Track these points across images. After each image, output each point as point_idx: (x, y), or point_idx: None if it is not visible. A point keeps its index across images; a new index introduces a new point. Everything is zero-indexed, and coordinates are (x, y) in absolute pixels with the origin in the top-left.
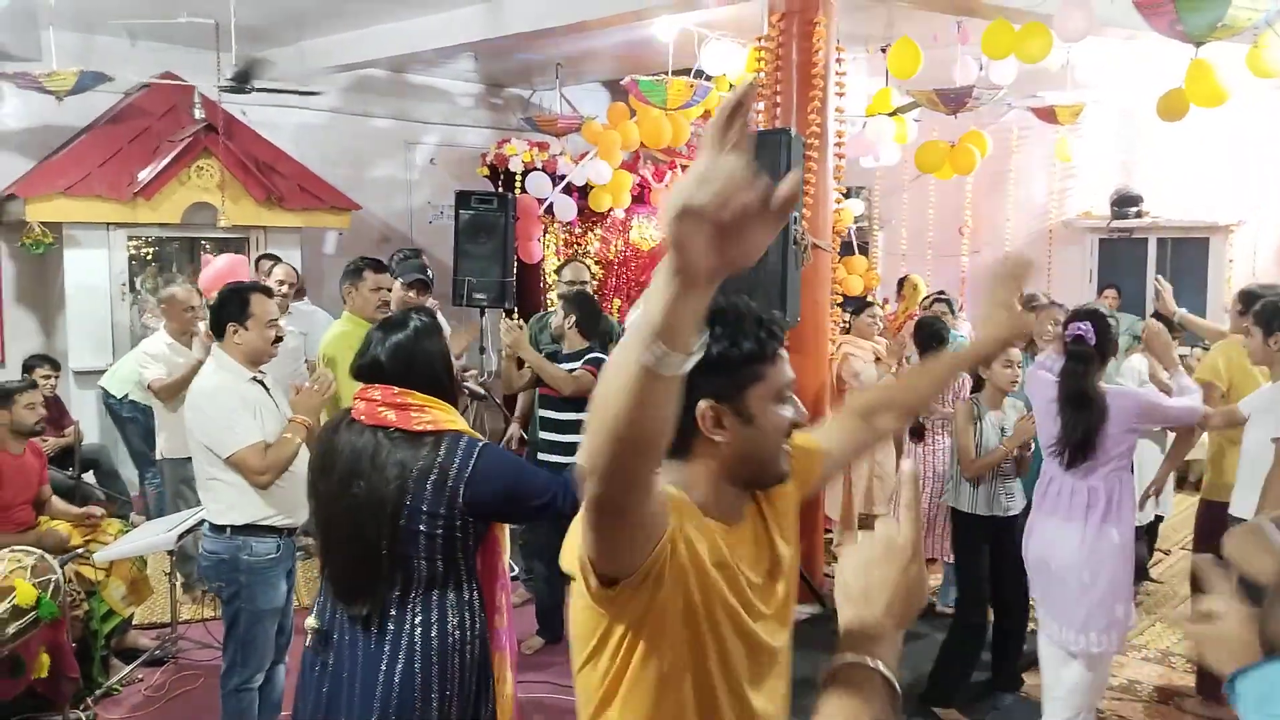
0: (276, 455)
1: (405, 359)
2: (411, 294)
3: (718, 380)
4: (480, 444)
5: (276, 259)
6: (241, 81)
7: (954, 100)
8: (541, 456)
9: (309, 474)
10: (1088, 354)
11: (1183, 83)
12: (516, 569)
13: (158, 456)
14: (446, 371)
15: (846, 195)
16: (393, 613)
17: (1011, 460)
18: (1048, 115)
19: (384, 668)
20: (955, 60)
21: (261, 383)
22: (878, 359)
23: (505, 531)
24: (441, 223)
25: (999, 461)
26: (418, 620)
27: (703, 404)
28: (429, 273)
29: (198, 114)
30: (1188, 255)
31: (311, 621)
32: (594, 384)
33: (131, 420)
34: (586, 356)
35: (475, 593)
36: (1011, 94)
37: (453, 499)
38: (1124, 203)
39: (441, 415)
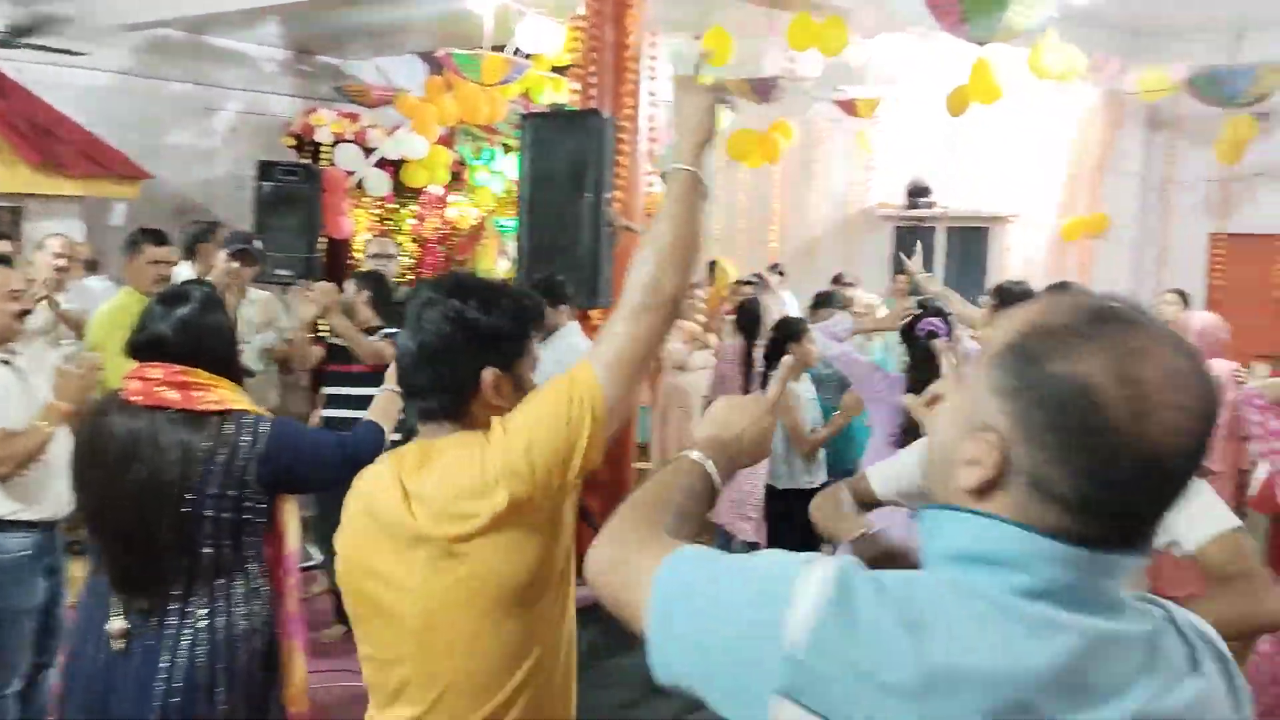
0: (14, 445)
1: (193, 335)
2: (236, 265)
3: (501, 352)
4: (269, 418)
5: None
6: (19, 36)
7: (763, 89)
8: None
9: (74, 462)
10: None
11: (966, 80)
12: (315, 558)
13: None
14: (232, 347)
15: (662, 179)
16: (175, 605)
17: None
18: (849, 108)
19: (166, 663)
20: (765, 51)
21: (9, 363)
22: (694, 339)
23: (294, 517)
24: (243, 194)
25: (831, 436)
26: (203, 611)
27: (488, 372)
28: (256, 244)
29: None
30: (971, 244)
31: (116, 624)
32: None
33: None
34: (383, 332)
35: (263, 579)
36: (817, 86)
37: (243, 478)
38: (916, 193)
39: (229, 394)
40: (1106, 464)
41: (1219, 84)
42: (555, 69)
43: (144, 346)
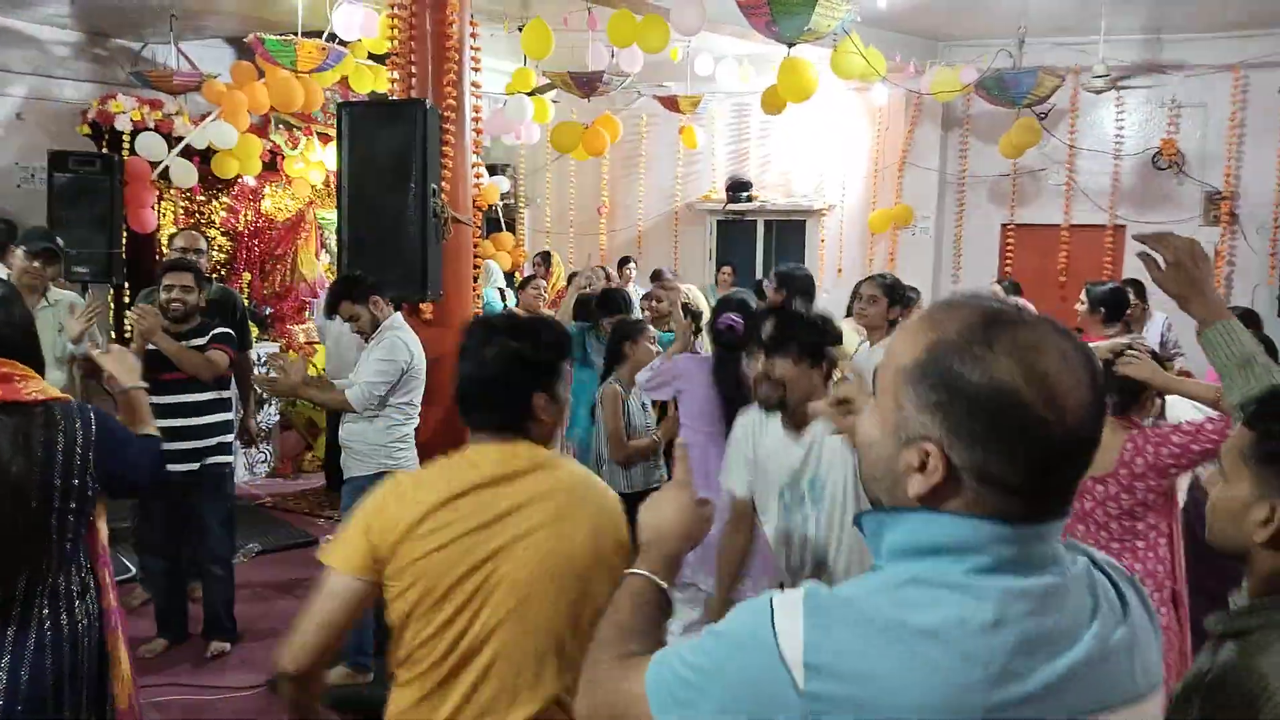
0: None
1: (4, 329)
2: (37, 264)
3: (545, 377)
4: (90, 407)
5: None
6: None
7: (586, 84)
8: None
9: None
10: (738, 344)
11: (776, 79)
12: (133, 569)
13: None
14: (36, 341)
15: (492, 171)
16: (17, 606)
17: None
18: (671, 104)
19: (7, 666)
20: (589, 45)
21: None
22: None
23: (102, 512)
24: (33, 187)
25: (653, 449)
26: (45, 610)
27: (538, 396)
28: (58, 241)
29: None
30: (789, 236)
31: None
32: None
33: None
34: (213, 333)
35: (90, 573)
36: (640, 82)
37: (84, 466)
38: (736, 188)
39: (46, 386)
40: (1043, 449)
41: (1005, 86)
42: (374, 57)
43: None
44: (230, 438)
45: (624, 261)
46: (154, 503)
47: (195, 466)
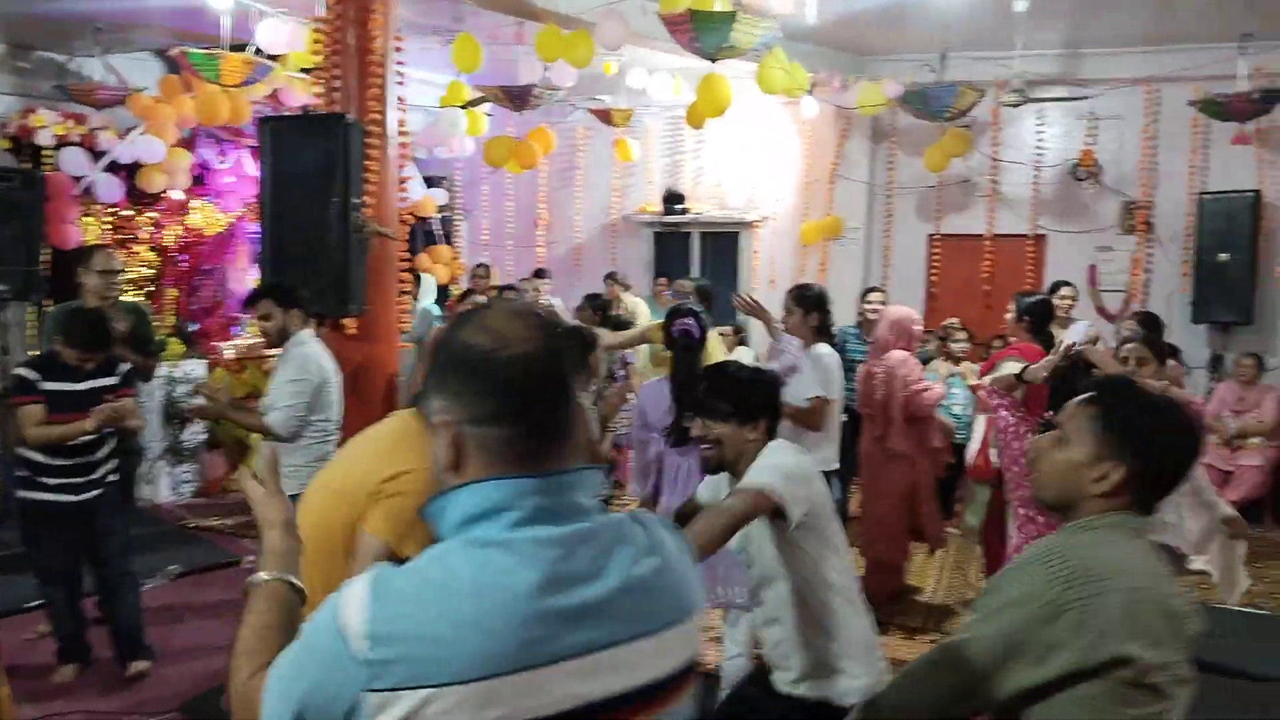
0: None
1: None
2: None
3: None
4: None
5: None
6: None
7: (517, 97)
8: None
9: None
10: (695, 346)
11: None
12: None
13: None
14: None
15: (430, 184)
16: None
17: None
18: (605, 117)
19: None
20: (519, 59)
21: None
22: None
23: None
24: None
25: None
26: None
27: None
28: None
29: None
30: (723, 247)
31: None
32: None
33: None
34: (123, 372)
35: None
36: (576, 95)
37: None
38: (671, 200)
39: None
40: (501, 374)
41: (926, 100)
42: (306, 70)
43: None
44: (115, 461)
45: (539, 273)
46: (49, 530)
47: (97, 493)
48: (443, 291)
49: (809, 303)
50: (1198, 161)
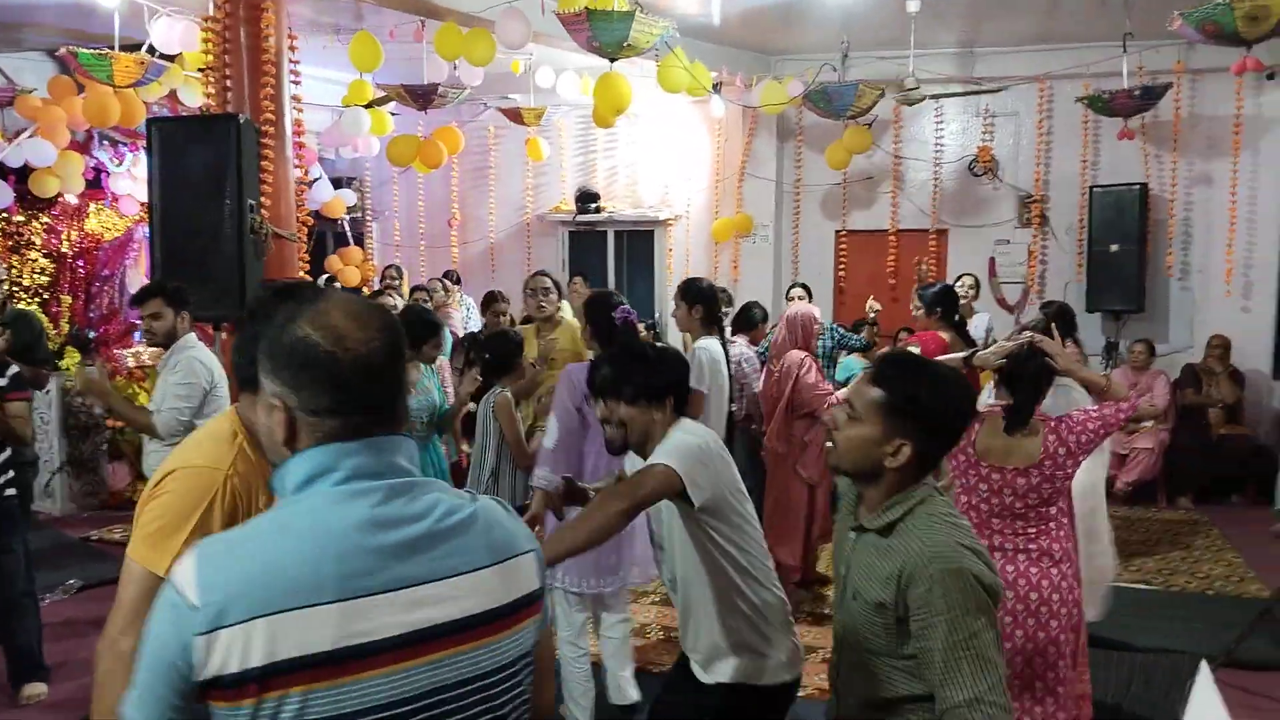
0: None
1: None
2: None
3: None
4: None
5: None
6: None
7: (421, 96)
8: None
9: None
10: (635, 331)
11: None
12: None
13: None
14: None
15: (338, 185)
16: None
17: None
18: (515, 116)
19: None
20: (424, 57)
21: None
22: None
23: None
24: None
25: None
26: None
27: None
28: None
29: None
30: (638, 245)
31: None
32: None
33: None
34: (10, 374)
35: None
36: (485, 94)
37: None
38: (585, 199)
39: None
40: (335, 372)
41: (829, 99)
42: (203, 70)
43: None
44: (10, 474)
45: (447, 275)
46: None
47: None
48: (355, 293)
49: (693, 296)
50: (1088, 156)
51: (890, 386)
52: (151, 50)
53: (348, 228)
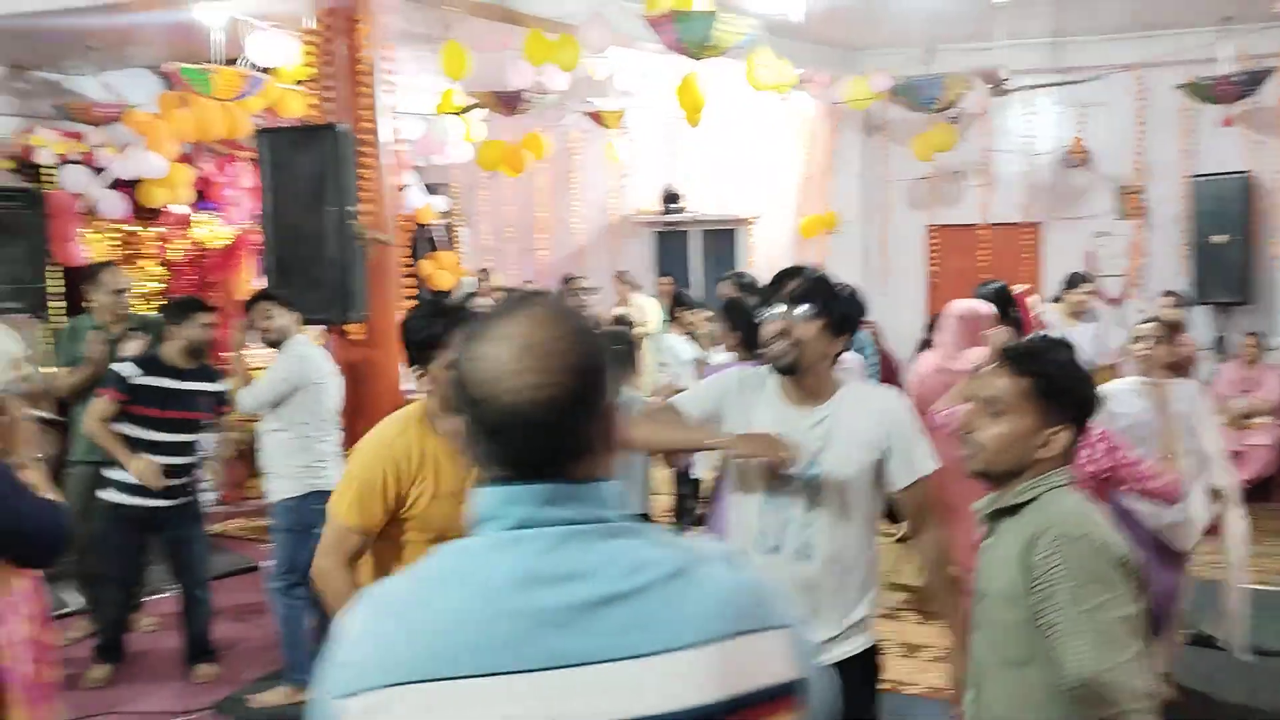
0: None
1: None
2: None
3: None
4: None
5: None
6: None
7: (508, 102)
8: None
9: None
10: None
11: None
12: (70, 604)
13: None
14: None
15: (430, 191)
16: None
17: None
18: (597, 119)
19: None
20: (510, 64)
21: None
22: None
23: None
24: None
25: None
26: None
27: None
28: None
29: None
30: (722, 245)
31: None
32: None
33: None
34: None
35: None
36: (567, 99)
37: None
38: (669, 200)
39: None
40: (485, 422)
41: (916, 92)
42: (300, 82)
43: None
44: (199, 471)
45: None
46: (123, 533)
47: (185, 500)
48: (447, 296)
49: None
50: (1188, 145)
51: (1036, 372)
52: (250, 65)
53: (439, 233)
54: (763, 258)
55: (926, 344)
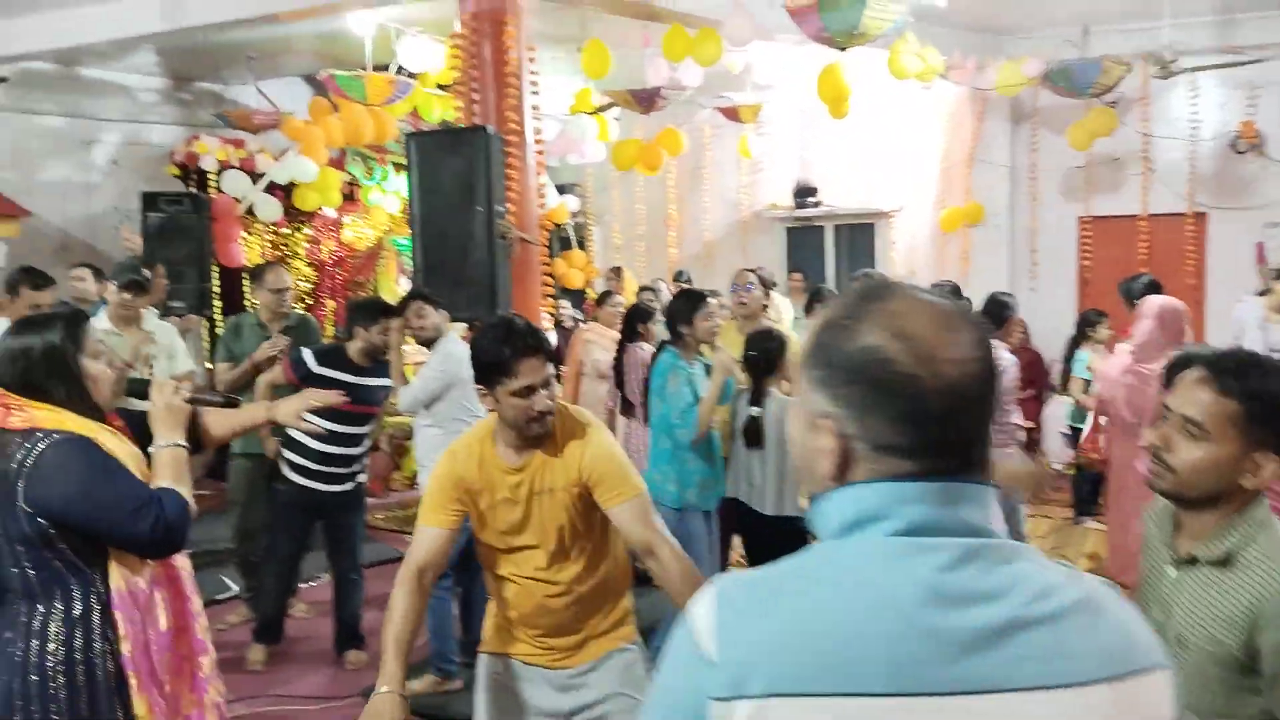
0: None
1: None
2: (127, 296)
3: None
4: (55, 436)
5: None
6: None
7: (645, 100)
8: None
9: None
10: None
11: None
12: (235, 587)
13: None
14: (55, 377)
15: (561, 191)
16: (1, 627)
17: None
18: (733, 114)
19: None
20: (647, 62)
21: None
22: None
23: (120, 555)
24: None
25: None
26: (19, 634)
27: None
28: (144, 273)
29: None
30: (859, 239)
31: None
32: None
33: None
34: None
35: (94, 608)
36: (701, 95)
37: (13, 495)
38: (803, 194)
39: (43, 415)
40: (917, 404)
41: (1071, 76)
42: (442, 86)
43: None
44: (366, 461)
45: (677, 276)
46: (297, 516)
47: (351, 486)
48: (579, 295)
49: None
50: None
51: (1248, 395)
52: (399, 70)
53: (571, 232)
54: (902, 252)
55: (1076, 343)
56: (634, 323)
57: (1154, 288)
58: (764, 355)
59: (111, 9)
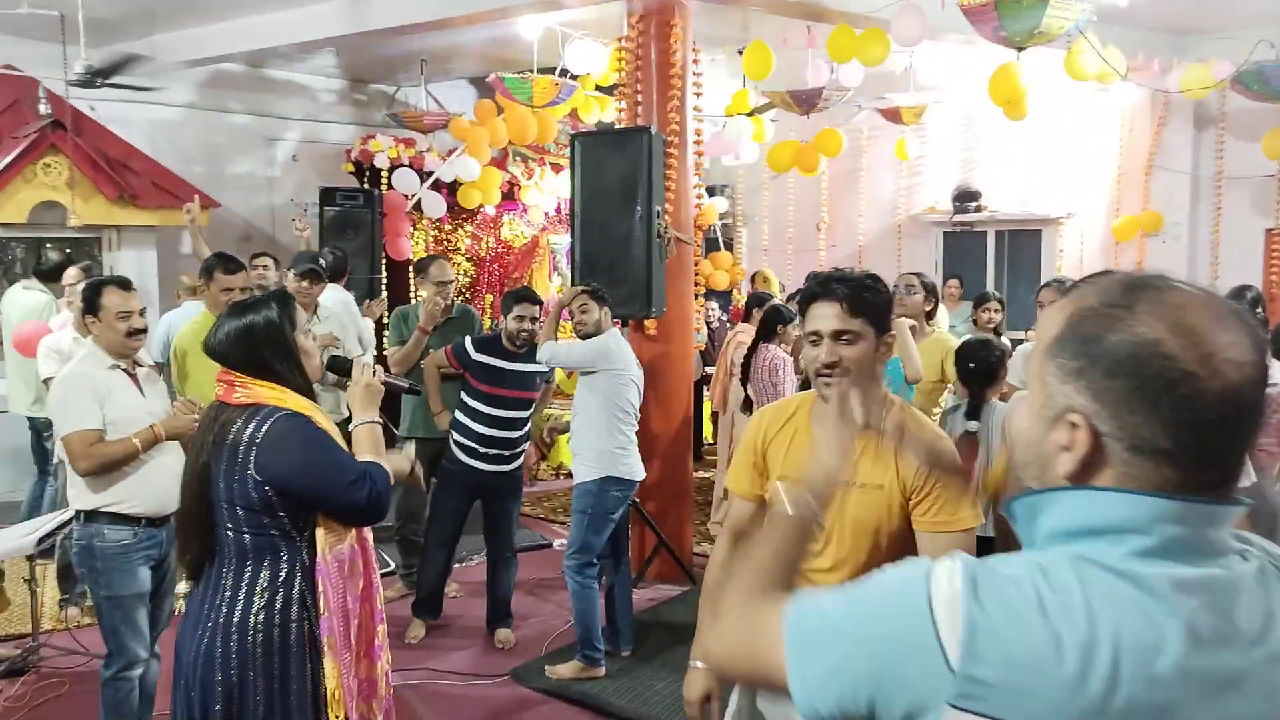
0: (104, 450)
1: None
2: (304, 284)
3: None
4: (281, 412)
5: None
6: (104, 76)
7: (805, 101)
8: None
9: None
10: None
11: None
12: (393, 564)
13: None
14: (276, 352)
15: (710, 192)
16: (209, 586)
17: None
18: (893, 116)
19: (192, 643)
20: (807, 62)
21: (129, 372)
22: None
23: (325, 525)
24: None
25: None
26: (225, 595)
27: None
28: (321, 262)
29: (43, 109)
30: (1023, 246)
31: (180, 602)
32: None
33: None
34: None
35: (296, 574)
36: (860, 96)
37: (244, 466)
38: (964, 198)
39: (266, 393)
40: (1193, 408)
41: (1266, 80)
42: (600, 88)
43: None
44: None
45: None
46: (459, 495)
47: (510, 468)
48: (725, 297)
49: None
50: None
51: None
52: (563, 72)
53: (719, 233)
54: (1071, 260)
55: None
56: (772, 324)
57: (1256, 299)
58: (983, 366)
59: (297, 14)
